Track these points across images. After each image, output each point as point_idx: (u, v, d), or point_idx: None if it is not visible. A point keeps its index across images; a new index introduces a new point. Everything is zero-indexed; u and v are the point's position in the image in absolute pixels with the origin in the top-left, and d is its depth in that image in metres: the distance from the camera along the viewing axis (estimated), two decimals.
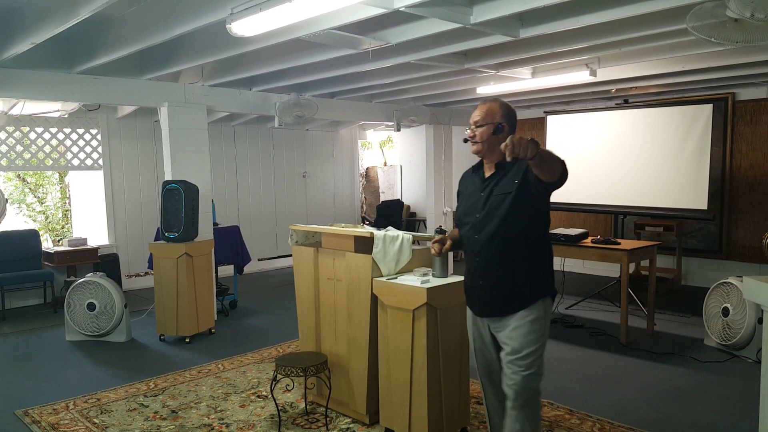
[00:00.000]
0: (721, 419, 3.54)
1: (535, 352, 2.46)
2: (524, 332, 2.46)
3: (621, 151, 6.70)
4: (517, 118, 2.63)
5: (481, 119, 2.56)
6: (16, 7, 3.84)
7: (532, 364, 2.45)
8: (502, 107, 2.58)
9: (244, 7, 3.12)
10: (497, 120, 2.54)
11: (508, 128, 2.54)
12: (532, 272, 2.51)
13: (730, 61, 5.00)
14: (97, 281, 5.30)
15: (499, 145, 2.46)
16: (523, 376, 2.44)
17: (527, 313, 2.47)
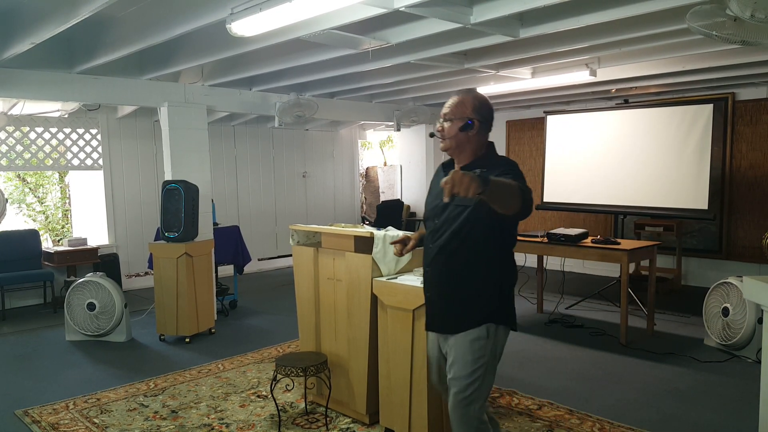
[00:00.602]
0: (721, 419, 3.54)
1: (471, 375, 2.25)
2: (462, 353, 2.28)
3: (621, 151, 6.70)
4: (493, 113, 2.40)
5: (450, 113, 2.35)
6: (16, 6, 3.84)
7: (467, 387, 2.25)
8: (474, 100, 2.35)
9: (244, 7, 3.13)
10: (467, 115, 2.31)
11: (479, 124, 2.33)
12: (483, 294, 2.29)
13: (730, 61, 5.00)
14: (97, 281, 5.29)
15: (469, 143, 2.33)
16: (458, 400, 2.28)
17: (469, 334, 2.28)
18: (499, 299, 2.32)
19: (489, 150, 2.42)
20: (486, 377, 2.29)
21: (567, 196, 7.20)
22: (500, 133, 9.13)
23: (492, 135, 2.53)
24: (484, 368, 2.27)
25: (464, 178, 1.79)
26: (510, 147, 9.01)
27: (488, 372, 2.29)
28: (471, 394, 2.26)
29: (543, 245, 5.49)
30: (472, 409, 2.27)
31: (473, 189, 1.79)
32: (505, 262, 2.35)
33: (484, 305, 2.30)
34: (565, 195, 7.21)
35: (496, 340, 2.30)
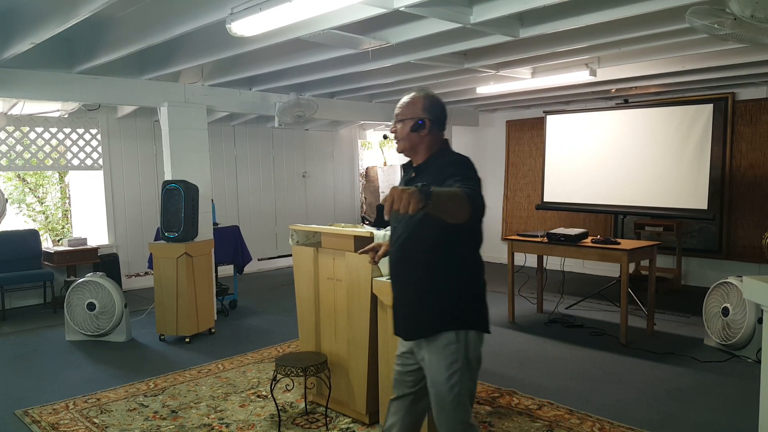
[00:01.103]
0: (721, 419, 3.54)
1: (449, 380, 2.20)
2: (435, 359, 2.23)
3: (621, 150, 6.70)
4: (445, 111, 2.34)
5: (401, 113, 2.30)
6: (16, 6, 3.84)
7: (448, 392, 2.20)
8: (425, 99, 2.30)
9: (243, 6, 3.13)
10: (418, 114, 2.26)
11: (430, 123, 2.27)
12: (445, 298, 2.23)
13: (729, 61, 5.00)
14: (97, 281, 5.30)
15: (422, 143, 2.30)
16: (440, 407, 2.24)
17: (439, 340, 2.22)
18: (464, 302, 2.25)
19: (443, 148, 2.37)
20: (464, 381, 2.22)
21: (567, 196, 7.20)
22: (500, 133, 9.14)
23: (492, 135, 2.52)
24: (460, 373, 2.21)
25: (403, 194, 1.74)
26: (510, 147, 9.01)
27: (465, 376, 2.23)
28: (453, 400, 2.21)
29: (543, 245, 5.49)
30: (459, 413, 2.22)
31: (413, 205, 1.74)
32: (469, 264, 2.29)
33: (447, 309, 2.23)
34: (565, 195, 7.21)
35: (467, 345, 2.23)
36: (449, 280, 2.24)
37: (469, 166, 2.21)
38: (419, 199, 1.75)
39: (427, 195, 1.77)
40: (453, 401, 2.21)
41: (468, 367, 2.23)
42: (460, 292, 2.25)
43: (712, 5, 2.92)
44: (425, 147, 2.33)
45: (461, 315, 2.24)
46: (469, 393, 2.25)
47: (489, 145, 9.31)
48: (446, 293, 2.24)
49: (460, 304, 2.25)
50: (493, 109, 8.96)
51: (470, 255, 2.29)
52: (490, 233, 9.42)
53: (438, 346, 2.22)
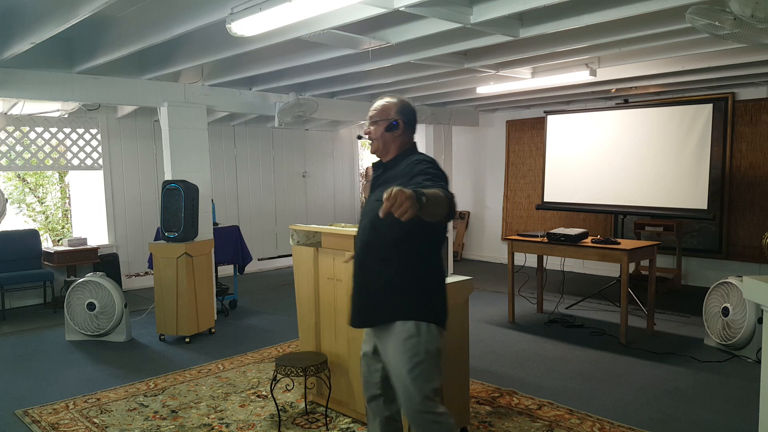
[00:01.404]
0: (721, 419, 3.54)
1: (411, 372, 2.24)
2: (397, 353, 2.28)
3: (621, 150, 6.70)
4: (415, 116, 2.50)
5: (376, 115, 2.45)
6: (16, 6, 3.84)
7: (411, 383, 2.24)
8: (398, 103, 2.46)
9: (244, 6, 3.13)
10: (391, 116, 2.42)
11: (403, 125, 2.43)
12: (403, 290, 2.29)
13: (729, 61, 5.00)
14: (97, 281, 5.30)
15: (394, 143, 2.43)
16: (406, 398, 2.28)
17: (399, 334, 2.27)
18: (423, 295, 2.31)
19: (411, 148, 2.51)
20: (426, 373, 2.26)
21: (567, 195, 7.20)
22: (500, 133, 9.14)
23: (492, 134, 2.57)
24: (422, 365, 2.26)
25: (404, 198, 1.77)
26: (510, 147, 9.01)
27: (427, 369, 2.26)
28: (417, 392, 2.25)
29: (543, 245, 5.49)
30: (423, 405, 2.26)
31: (412, 211, 1.79)
32: (429, 258, 2.35)
33: (405, 299, 2.29)
34: (565, 195, 7.21)
35: (428, 337, 2.28)
36: (410, 271, 2.30)
37: (436, 166, 2.33)
38: (415, 207, 1.80)
39: (420, 203, 1.83)
40: (418, 394, 2.25)
41: (429, 360, 2.28)
42: (420, 283, 2.31)
43: (712, 5, 2.92)
44: (396, 147, 2.46)
45: (421, 307, 2.30)
46: (432, 384, 2.28)
47: (489, 145, 9.31)
48: (406, 284, 2.30)
49: (420, 296, 2.30)
50: (493, 109, 8.97)
51: (432, 249, 2.36)
52: (491, 233, 9.43)
53: (398, 339, 2.28)
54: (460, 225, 9.68)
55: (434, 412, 2.28)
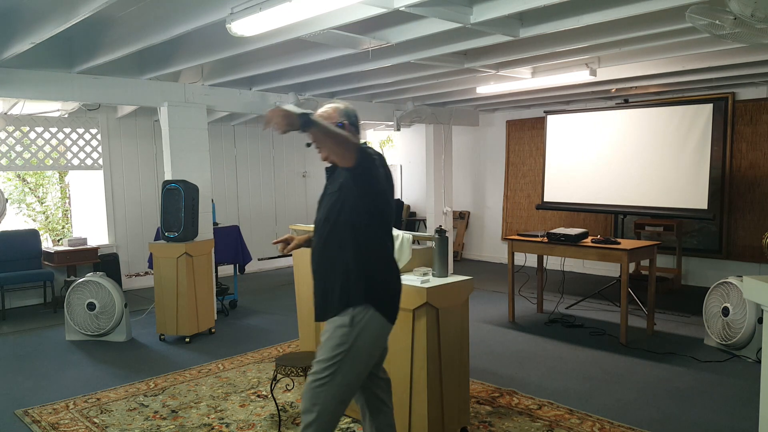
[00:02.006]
0: (721, 419, 3.54)
1: (328, 361, 2.28)
2: (327, 338, 2.34)
3: (621, 150, 6.70)
4: (358, 118, 2.56)
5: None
6: (16, 6, 3.84)
7: (323, 370, 2.29)
8: (339, 107, 2.52)
9: (243, 6, 3.12)
10: (336, 119, 2.47)
11: (349, 126, 2.47)
12: (347, 281, 2.34)
13: (729, 61, 5.00)
14: (97, 281, 5.30)
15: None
16: (311, 380, 2.32)
17: (335, 321, 2.35)
18: (365, 288, 2.33)
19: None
20: (344, 365, 2.29)
21: (567, 195, 7.20)
22: (500, 132, 9.14)
23: (492, 134, 2.58)
24: (343, 356, 2.29)
25: (278, 111, 2.00)
26: (510, 147, 9.01)
27: (348, 361, 2.29)
28: (323, 378, 2.29)
29: (543, 245, 5.49)
30: (320, 392, 2.29)
31: (290, 122, 1.99)
32: (373, 250, 2.38)
33: (347, 292, 2.34)
34: (565, 195, 7.21)
35: (361, 330, 2.30)
36: (354, 263, 2.34)
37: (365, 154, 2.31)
38: (292, 121, 2.00)
39: (306, 120, 2.02)
40: (321, 380, 2.28)
41: (352, 355, 2.30)
42: (362, 276, 2.34)
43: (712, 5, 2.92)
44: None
45: (361, 299, 2.32)
46: (345, 377, 2.30)
47: (489, 145, 9.31)
48: (350, 276, 2.34)
49: (362, 289, 2.33)
50: (493, 109, 8.96)
51: (375, 241, 2.39)
52: (491, 233, 9.43)
53: (332, 326, 2.34)
54: (460, 225, 9.67)
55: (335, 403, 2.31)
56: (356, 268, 2.34)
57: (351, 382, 2.34)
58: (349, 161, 2.18)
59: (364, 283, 2.34)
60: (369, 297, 2.34)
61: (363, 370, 2.37)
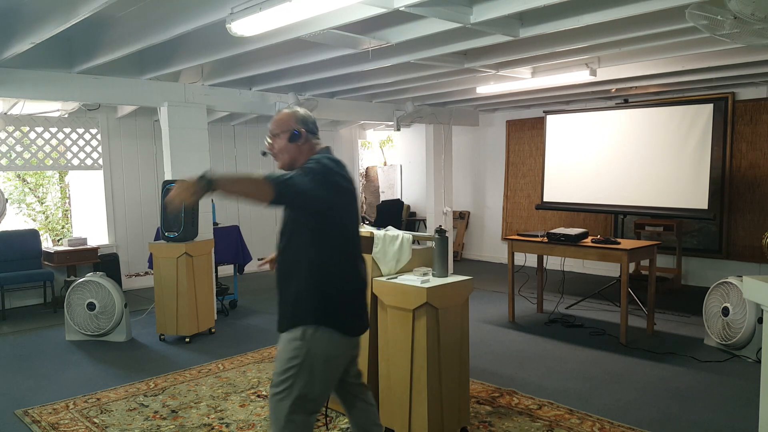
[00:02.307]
0: (721, 419, 3.54)
1: (283, 374, 2.28)
2: (280, 350, 2.34)
3: (621, 150, 6.70)
4: (315, 121, 2.51)
5: (276, 128, 2.46)
6: (16, 6, 3.84)
7: (279, 384, 2.29)
8: (295, 113, 2.47)
9: (243, 6, 3.12)
10: (292, 126, 2.42)
11: (306, 133, 2.43)
12: (302, 295, 2.33)
13: (729, 61, 5.00)
14: (97, 281, 5.29)
15: (301, 153, 2.43)
16: (271, 394, 2.32)
17: (288, 333, 2.34)
18: (320, 302, 2.31)
19: (321, 151, 2.47)
20: (299, 378, 2.27)
21: (567, 195, 7.20)
22: (500, 132, 9.14)
23: (492, 134, 2.56)
24: (297, 369, 2.27)
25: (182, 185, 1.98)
26: (510, 146, 9.01)
27: (303, 374, 2.27)
28: (281, 392, 2.28)
29: (543, 245, 5.49)
30: (282, 406, 2.27)
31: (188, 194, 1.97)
32: (331, 264, 2.34)
33: (298, 309, 2.33)
34: (565, 195, 7.21)
35: (313, 344, 2.28)
36: (310, 277, 2.32)
37: (319, 162, 2.30)
38: (194, 190, 1.97)
39: (206, 184, 1.98)
40: (280, 394, 2.28)
41: (307, 368, 2.28)
42: (317, 290, 2.32)
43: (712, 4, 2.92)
44: (304, 157, 2.44)
45: (314, 313, 2.30)
46: (301, 390, 2.27)
47: (489, 145, 9.31)
48: (305, 290, 2.33)
49: (316, 303, 2.31)
50: (493, 109, 8.96)
51: (333, 255, 2.34)
52: (491, 233, 9.43)
53: (286, 339, 2.33)
54: (460, 225, 9.67)
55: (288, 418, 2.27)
56: (308, 285, 2.32)
57: (310, 394, 2.29)
58: (267, 198, 2.11)
59: (317, 300, 2.31)
60: (320, 314, 2.30)
61: (322, 382, 2.32)
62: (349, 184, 2.38)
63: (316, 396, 2.32)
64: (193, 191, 1.98)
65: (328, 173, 2.27)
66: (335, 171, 2.31)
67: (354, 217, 2.43)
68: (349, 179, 2.38)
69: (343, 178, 2.34)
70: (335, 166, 2.33)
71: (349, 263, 2.41)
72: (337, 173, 2.31)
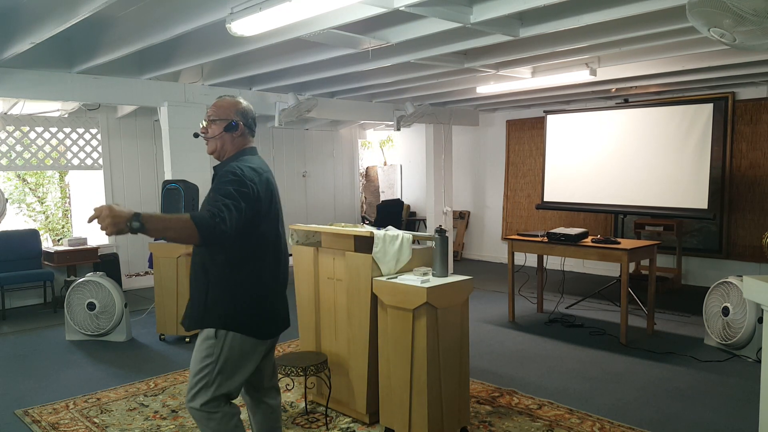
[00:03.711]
0: (721, 419, 3.54)
1: (198, 373, 2.32)
2: (195, 350, 2.37)
3: (621, 150, 6.70)
4: (255, 120, 2.49)
5: (214, 114, 2.42)
6: (16, 6, 3.84)
7: (195, 384, 2.33)
8: (238, 104, 2.44)
9: (243, 6, 3.12)
10: (231, 117, 2.39)
11: (243, 127, 2.41)
12: (216, 297, 2.32)
13: (730, 61, 5.00)
14: (97, 281, 5.29)
15: (232, 144, 2.41)
16: (187, 394, 2.36)
17: (202, 333, 2.36)
18: (230, 306, 2.32)
19: (245, 150, 2.44)
20: (214, 377, 2.31)
21: (567, 195, 7.20)
22: (500, 132, 9.14)
23: (492, 134, 2.55)
24: (212, 368, 2.31)
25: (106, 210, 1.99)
26: (510, 146, 9.01)
27: (217, 373, 2.31)
28: (197, 391, 2.32)
29: (543, 245, 5.49)
30: (196, 403, 2.32)
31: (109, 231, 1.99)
32: (242, 269, 2.33)
33: (212, 309, 2.33)
34: (565, 194, 7.21)
35: (225, 344, 2.31)
36: (223, 280, 2.32)
37: (233, 179, 2.24)
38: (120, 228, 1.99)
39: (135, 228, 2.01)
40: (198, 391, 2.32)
41: (224, 366, 2.32)
42: (226, 295, 2.32)
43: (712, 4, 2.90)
44: (233, 149, 2.43)
45: (228, 315, 2.32)
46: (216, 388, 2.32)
47: (489, 145, 9.31)
48: (214, 294, 2.32)
49: (225, 308, 2.32)
50: (493, 109, 8.96)
51: (249, 260, 2.33)
52: (491, 233, 9.43)
53: (201, 338, 2.36)
54: (460, 225, 9.67)
55: (208, 415, 2.32)
56: (218, 289, 2.32)
57: (225, 390, 2.34)
58: (194, 241, 2.12)
59: (227, 304, 2.32)
60: (230, 319, 2.32)
61: (236, 378, 2.36)
62: (268, 189, 2.35)
63: (231, 390, 2.38)
64: (119, 228, 2.00)
65: (244, 189, 2.22)
66: (253, 181, 2.27)
67: (273, 220, 2.40)
68: (267, 183, 2.35)
69: (260, 185, 2.30)
70: (254, 174, 2.30)
71: (262, 267, 2.38)
72: (255, 182, 2.27)
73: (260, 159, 2.46)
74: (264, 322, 2.40)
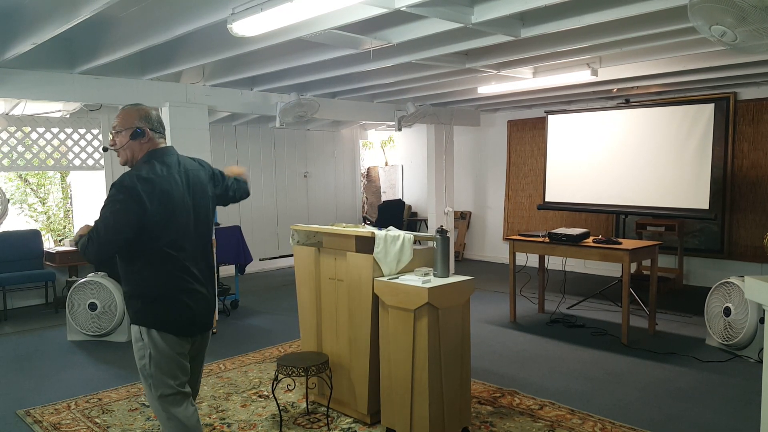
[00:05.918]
0: (723, 419, 3.53)
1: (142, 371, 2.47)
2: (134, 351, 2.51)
3: (622, 150, 6.70)
4: (161, 120, 2.53)
5: (119, 125, 2.44)
6: (17, 7, 3.84)
7: (145, 379, 2.47)
8: (140, 110, 2.47)
9: (245, 7, 3.12)
10: (135, 124, 2.42)
11: (150, 131, 2.45)
12: (130, 297, 2.47)
13: (731, 61, 4.99)
14: (98, 281, 5.30)
15: (141, 152, 2.44)
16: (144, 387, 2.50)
17: (132, 334, 2.50)
18: (142, 305, 2.43)
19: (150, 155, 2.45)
20: (152, 372, 2.44)
21: (568, 195, 7.19)
22: (502, 132, 9.14)
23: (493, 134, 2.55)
24: (148, 369, 2.45)
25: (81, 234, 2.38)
26: (511, 147, 9.01)
27: (152, 368, 2.44)
28: (147, 388, 2.48)
29: (544, 245, 5.49)
30: (153, 402, 2.47)
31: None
32: (145, 270, 2.41)
33: (130, 308, 2.49)
34: (567, 195, 7.20)
35: (150, 343, 2.43)
36: (133, 280, 2.45)
37: (112, 198, 2.33)
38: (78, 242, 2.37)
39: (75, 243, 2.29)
40: (147, 386, 2.49)
41: (155, 362, 2.45)
42: (135, 294, 2.45)
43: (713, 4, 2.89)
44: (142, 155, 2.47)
45: (142, 314, 2.44)
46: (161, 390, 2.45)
47: (490, 145, 9.31)
48: (128, 294, 2.49)
49: (140, 305, 2.44)
50: (494, 109, 8.96)
51: (148, 264, 2.41)
52: (492, 233, 9.43)
53: (133, 339, 2.51)
54: (461, 225, 9.67)
55: (164, 408, 2.45)
56: (130, 289, 2.46)
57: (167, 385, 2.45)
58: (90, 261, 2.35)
59: (139, 303, 2.43)
60: (143, 316, 2.43)
61: (173, 373, 2.46)
62: (163, 195, 2.35)
63: (173, 384, 2.46)
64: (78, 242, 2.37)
65: (118, 207, 2.30)
66: (134, 192, 2.29)
67: (172, 222, 2.39)
68: (161, 191, 2.35)
69: (149, 195, 2.31)
70: (140, 184, 2.31)
71: (166, 268, 2.42)
72: (137, 193, 2.28)
73: (170, 159, 2.47)
74: (176, 320, 2.46)
